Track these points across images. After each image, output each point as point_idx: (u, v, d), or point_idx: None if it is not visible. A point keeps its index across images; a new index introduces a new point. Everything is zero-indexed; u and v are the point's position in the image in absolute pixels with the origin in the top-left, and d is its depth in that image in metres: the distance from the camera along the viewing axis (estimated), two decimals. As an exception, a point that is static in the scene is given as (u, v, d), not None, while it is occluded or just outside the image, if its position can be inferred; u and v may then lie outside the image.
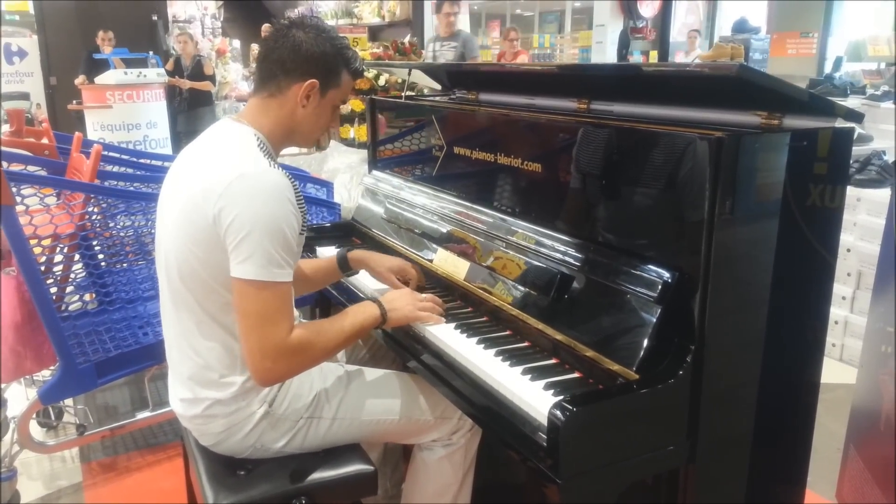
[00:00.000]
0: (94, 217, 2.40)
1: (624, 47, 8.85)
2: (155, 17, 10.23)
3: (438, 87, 2.66)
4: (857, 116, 1.44)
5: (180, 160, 1.56)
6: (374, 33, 10.34)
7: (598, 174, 1.57)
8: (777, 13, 8.85)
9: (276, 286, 1.39)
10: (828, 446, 2.38)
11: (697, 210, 1.31)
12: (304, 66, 1.51)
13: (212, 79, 7.68)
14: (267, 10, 13.56)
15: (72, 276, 2.46)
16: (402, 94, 2.54)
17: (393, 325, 1.66)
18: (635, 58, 8.80)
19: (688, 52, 8.56)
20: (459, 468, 1.75)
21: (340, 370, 1.72)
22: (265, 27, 10.55)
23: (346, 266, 1.94)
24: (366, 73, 4.90)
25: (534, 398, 1.35)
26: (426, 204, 2.15)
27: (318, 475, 1.58)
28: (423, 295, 1.74)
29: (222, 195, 1.37)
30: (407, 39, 7.33)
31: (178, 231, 1.46)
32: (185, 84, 7.32)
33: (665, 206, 1.41)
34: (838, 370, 3.33)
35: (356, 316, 1.58)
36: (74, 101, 7.17)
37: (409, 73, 2.59)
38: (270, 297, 1.39)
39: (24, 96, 9.13)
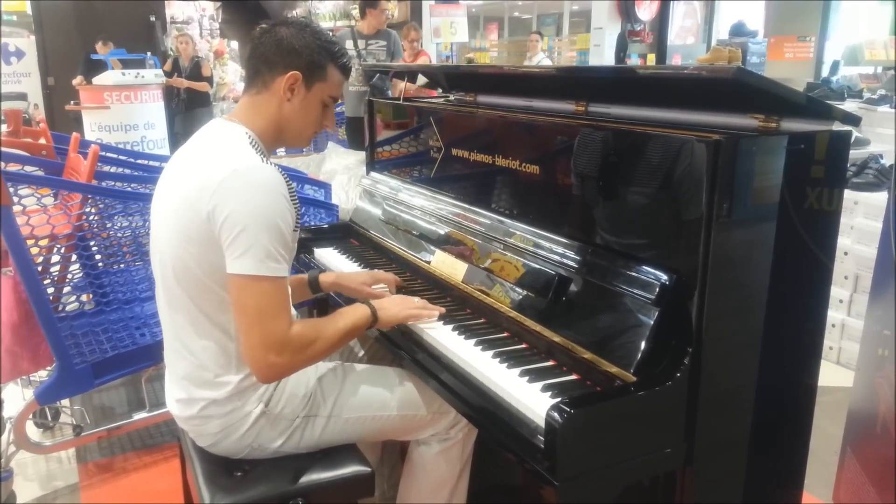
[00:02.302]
0: (91, 217, 2.40)
1: (622, 50, 8.86)
2: (153, 18, 10.23)
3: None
4: (854, 120, 1.45)
5: (174, 160, 1.57)
6: (373, 35, 10.32)
7: (596, 176, 1.57)
8: (774, 17, 8.87)
9: (273, 280, 1.38)
10: (825, 449, 2.39)
11: (695, 212, 1.31)
12: (287, 59, 1.52)
13: (209, 80, 7.68)
14: (265, 11, 13.57)
15: (69, 276, 2.46)
16: (401, 95, 2.55)
17: (384, 326, 1.66)
18: (633, 61, 8.80)
19: (530, 56, 8.41)
20: (456, 464, 1.75)
21: (336, 368, 1.72)
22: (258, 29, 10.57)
23: (317, 288, 1.94)
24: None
25: (531, 400, 1.35)
26: (424, 206, 2.15)
27: (315, 476, 1.57)
28: (416, 299, 1.73)
29: (215, 192, 1.37)
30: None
31: (172, 230, 1.46)
32: (183, 83, 7.32)
33: (663, 208, 1.41)
34: (835, 373, 3.33)
35: (349, 316, 1.58)
36: (72, 102, 7.17)
37: (405, 77, 2.60)
38: (269, 291, 1.38)
39: (22, 96, 9.14)
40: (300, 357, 1.46)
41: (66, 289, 2.45)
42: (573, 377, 1.44)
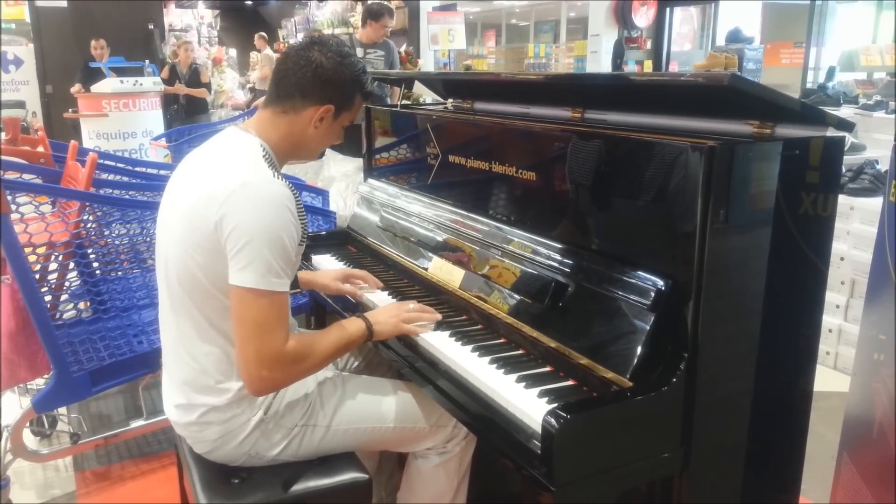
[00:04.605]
0: (89, 225, 2.40)
1: (619, 57, 8.87)
2: (151, 26, 10.24)
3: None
4: (847, 125, 1.46)
5: (184, 165, 1.57)
6: (370, 42, 10.34)
7: (592, 183, 1.58)
8: (770, 23, 8.91)
9: (273, 295, 1.39)
10: (822, 454, 2.38)
11: (690, 218, 1.32)
12: (323, 92, 1.54)
13: (208, 87, 7.71)
14: (263, 18, 13.60)
15: (66, 284, 2.45)
16: (398, 102, 2.55)
17: (380, 339, 1.67)
18: (630, 67, 8.82)
19: (254, 69, 8.19)
20: (454, 476, 1.75)
21: (335, 378, 1.72)
22: (258, 36, 10.60)
23: (294, 285, 1.96)
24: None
25: (528, 406, 1.35)
26: (421, 212, 2.16)
27: (313, 483, 1.57)
28: (412, 304, 1.74)
29: (224, 202, 1.38)
30: (403, 49, 7.36)
31: (179, 236, 1.47)
32: (183, 90, 7.35)
33: (658, 214, 1.42)
34: (832, 378, 3.33)
35: (343, 331, 1.59)
36: (70, 110, 7.18)
37: (403, 85, 2.60)
38: (268, 305, 1.39)
39: (20, 105, 9.11)
40: (292, 372, 1.47)
41: (64, 297, 2.44)
42: (569, 383, 1.44)
